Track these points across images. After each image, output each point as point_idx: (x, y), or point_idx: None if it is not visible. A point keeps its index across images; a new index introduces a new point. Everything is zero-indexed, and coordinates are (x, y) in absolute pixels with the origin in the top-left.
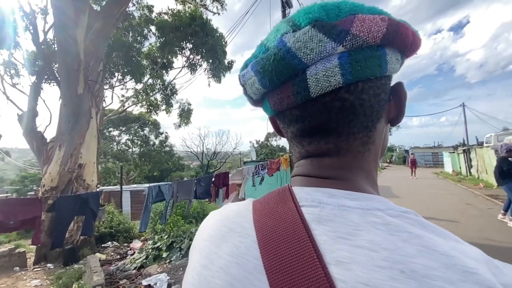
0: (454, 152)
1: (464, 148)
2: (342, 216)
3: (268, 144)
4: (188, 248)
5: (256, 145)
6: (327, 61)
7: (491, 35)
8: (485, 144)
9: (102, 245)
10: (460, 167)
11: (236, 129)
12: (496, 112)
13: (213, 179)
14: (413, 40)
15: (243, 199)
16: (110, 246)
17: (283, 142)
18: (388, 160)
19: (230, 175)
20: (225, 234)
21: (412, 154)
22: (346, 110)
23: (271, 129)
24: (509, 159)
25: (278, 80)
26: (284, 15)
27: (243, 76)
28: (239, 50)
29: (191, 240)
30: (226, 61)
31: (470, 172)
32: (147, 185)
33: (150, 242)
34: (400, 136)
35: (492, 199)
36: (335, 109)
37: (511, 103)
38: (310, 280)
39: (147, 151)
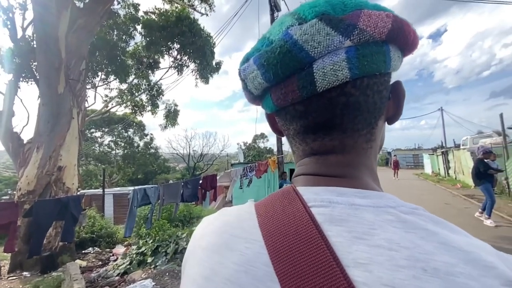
0: (433, 154)
1: (443, 150)
2: (355, 215)
3: (256, 146)
4: (175, 252)
5: (243, 147)
6: (334, 55)
7: (466, 44)
8: (461, 146)
9: (83, 251)
10: (439, 168)
11: (224, 131)
12: (471, 116)
13: (200, 182)
14: (413, 38)
15: (230, 201)
16: (91, 252)
17: (271, 144)
18: None
19: (217, 178)
20: (228, 241)
21: (394, 155)
22: (351, 105)
23: (259, 131)
24: (485, 160)
25: (283, 74)
26: (272, 18)
27: (244, 70)
28: (227, 52)
29: (177, 244)
30: (214, 62)
31: (448, 173)
32: (131, 188)
33: (134, 247)
34: None
35: (469, 199)
36: (340, 104)
37: (484, 107)
38: (328, 285)
39: (131, 153)
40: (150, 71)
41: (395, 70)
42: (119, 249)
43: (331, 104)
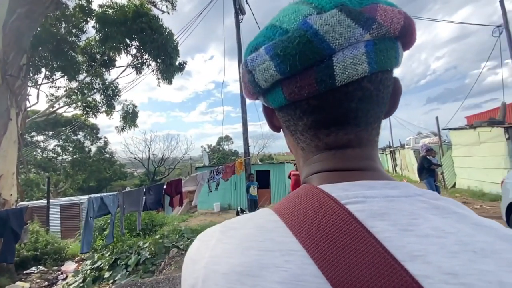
0: (383, 153)
1: (390, 149)
2: (393, 207)
3: (221, 148)
4: (136, 264)
5: (208, 150)
6: (354, 48)
7: (407, 55)
8: (406, 146)
9: (25, 272)
10: (388, 166)
11: (186, 134)
12: (412, 118)
13: (164, 187)
14: (415, 37)
15: (195, 206)
16: (35, 271)
17: (236, 146)
18: None
19: (183, 182)
20: (259, 258)
21: None
22: (366, 100)
23: (223, 133)
24: (428, 157)
25: (300, 66)
26: (237, 21)
27: (252, 60)
28: (189, 53)
29: (139, 255)
30: (177, 62)
31: (395, 170)
32: (83, 197)
33: (87, 262)
34: None
35: None
36: (356, 99)
37: (422, 111)
38: (392, 285)
39: (82, 159)
40: (104, 69)
41: (398, 66)
42: (69, 266)
43: (347, 99)
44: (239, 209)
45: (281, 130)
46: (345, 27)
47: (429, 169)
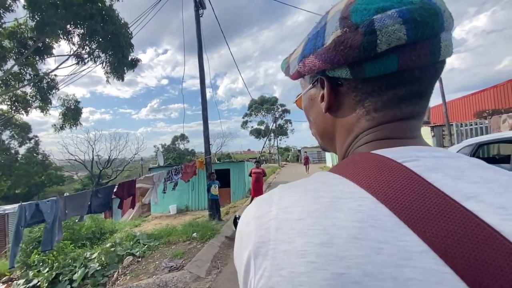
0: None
1: None
2: (443, 163)
3: (176, 147)
4: (83, 278)
5: (162, 150)
6: (448, 33)
7: None
8: None
9: None
10: (336, 162)
11: (136, 132)
12: None
13: (115, 190)
14: None
15: (149, 210)
16: None
17: (192, 145)
18: (285, 158)
19: (136, 182)
20: (332, 204)
21: (305, 152)
22: (437, 78)
23: (179, 132)
24: None
25: (429, 35)
26: (197, 15)
27: (381, 20)
28: (140, 46)
29: (86, 267)
30: (130, 57)
31: None
32: (9, 206)
33: (20, 281)
34: (293, 138)
35: None
36: (436, 76)
37: None
38: (456, 219)
39: (6, 162)
40: (38, 57)
41: None
42: None
43: (435, 74)
44: (237, 216)
45: (328, 107)
46: (448, 14)
47: None
